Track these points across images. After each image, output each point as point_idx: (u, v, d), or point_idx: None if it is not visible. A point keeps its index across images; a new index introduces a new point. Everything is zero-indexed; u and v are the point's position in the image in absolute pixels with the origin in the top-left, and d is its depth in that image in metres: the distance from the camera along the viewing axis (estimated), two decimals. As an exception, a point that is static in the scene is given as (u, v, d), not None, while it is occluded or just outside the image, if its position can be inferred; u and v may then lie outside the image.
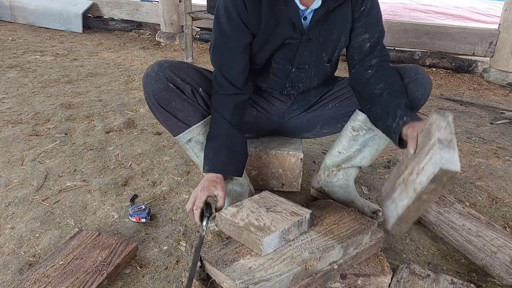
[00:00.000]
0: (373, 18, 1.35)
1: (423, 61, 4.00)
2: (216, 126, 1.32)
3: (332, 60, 1.44)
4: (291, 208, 1.20)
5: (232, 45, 1.31)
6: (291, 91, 1.49)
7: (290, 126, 1.61)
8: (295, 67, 1.40)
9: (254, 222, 1.13)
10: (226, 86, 1.32)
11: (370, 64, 1.36)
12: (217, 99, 1.33)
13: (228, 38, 1.30)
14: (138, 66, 3.79)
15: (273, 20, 1.29)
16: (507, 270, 1.21)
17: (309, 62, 1.40)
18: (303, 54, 1.37)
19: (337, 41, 1.37)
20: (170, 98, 1.32)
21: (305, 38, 1.32)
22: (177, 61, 1.38)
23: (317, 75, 1.46)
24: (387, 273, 1.13)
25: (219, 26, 1.31)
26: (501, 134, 2.48)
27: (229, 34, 1.30)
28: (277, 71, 1.43)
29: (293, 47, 1.35)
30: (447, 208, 1.53)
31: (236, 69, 1.32)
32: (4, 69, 3.46)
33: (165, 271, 1.22)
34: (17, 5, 5.75)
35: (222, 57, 1.33)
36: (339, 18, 1.32)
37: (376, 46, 1.36)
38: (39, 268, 1.14)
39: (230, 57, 1.32)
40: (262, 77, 1.47)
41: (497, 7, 5.23)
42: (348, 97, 1.50)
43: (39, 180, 1.71)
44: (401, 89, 1.28)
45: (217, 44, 1.33)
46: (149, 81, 1.31)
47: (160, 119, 1.39)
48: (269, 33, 1.31)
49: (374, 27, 1.35)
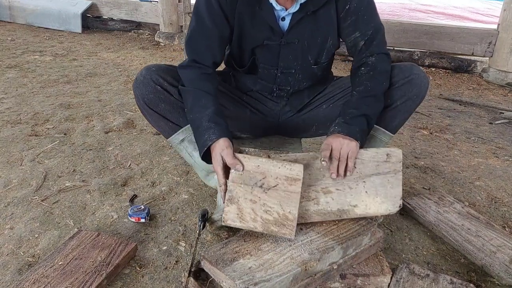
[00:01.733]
0: (362, 15, 1.31)
1: (422, 61, 4.00)
2: (199, 101, 1.27)
3: (320, 63, 1.43)
4: (282, 173, 1.11)
5: (209, 34, 1.31)
6: (281, 93, 1.50)
7: (286, 126, 1.61)
8: (280, 71, 1.41)
9: (268, 217, 1.10)
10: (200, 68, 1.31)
11: (365, 62, 1.34)
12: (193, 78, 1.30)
13: (206, 28, 1.30)
14: (138, 66, 3.79)
15: (246, 16, 1.29)
16: (506, 270, 1.21)
17: (295, 67, 1.40)
18: (287, 58, 1.37)
19: (323, 44, 1.36)
20: (158, 100, 1.34)
21: (284, 41, 1.32)
22: (165, 64, 1.40)
23: (305, 78, 1.46)
24: (387, 273, 1.13)
25: (198, 15, 1.31)
26: (500, 134, 2.48)
27: (208, 23, 1.30)
28: (263, 75, 1.44)
29: (274, 50, 1.35)
30: (446, 208, 1.53)
31: (209, 60, 1.32)
32: (3, 69, 3.45)
33: (165, 271, 1.22)
34: (16, 5, 5.75)
35: (197, 47, 1.32)
36: (322, 21, 1.31)
37: (371, 43, 1.33)
38: (38, 268, 1.14)
39: (205, 47, 1.32)
40: (251, 80, 1.48)
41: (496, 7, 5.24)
42: (342, 97, 1.49)
43: (38, 180, 1.71)
44: (372, 99, 1.26)
45: (193, 34, 1.33)
46: (138, 85, 1.34)
47: (152, 122, 1.41)
48: (243, 30, 1.31)
49: (365, 24, 1.32)
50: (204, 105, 1.24)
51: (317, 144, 2.19)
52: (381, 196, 1.19)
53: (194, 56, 1.32)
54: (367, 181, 1.19)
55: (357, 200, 1.19)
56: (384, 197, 1.19)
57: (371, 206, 1.19)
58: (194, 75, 1.30)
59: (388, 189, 1.20)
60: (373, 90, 1.27)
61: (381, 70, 1.31)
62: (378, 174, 1.19)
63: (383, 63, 1.33)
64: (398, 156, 1.20)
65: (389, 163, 1.20)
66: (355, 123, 1.21)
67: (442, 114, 2.80)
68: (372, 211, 1.19)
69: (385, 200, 1.19)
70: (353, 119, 1.22)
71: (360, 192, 1.18)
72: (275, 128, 1.63)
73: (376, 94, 1.27)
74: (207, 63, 1.32)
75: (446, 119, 2.70)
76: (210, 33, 1.31)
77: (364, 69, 1.32)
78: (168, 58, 4.25)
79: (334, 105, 1.51)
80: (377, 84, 1.29)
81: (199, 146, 1.22)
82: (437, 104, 3.03)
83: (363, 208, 1.19)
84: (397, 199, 1.20)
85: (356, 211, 1.19)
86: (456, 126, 2.59)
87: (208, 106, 1.24)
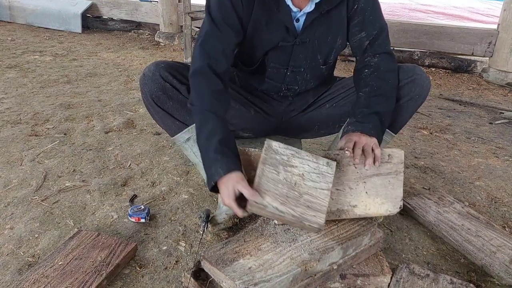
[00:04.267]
0: (368, 16, 1.32)
1: (422, 61, 4.00)
2: (207, 125, 1.18)
3: (328, 62, 1.43)
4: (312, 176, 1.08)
5: (225, 39, 1.25)
6: (287, 93, 1.49)
7: (288, 126, 1.61)
8: (290, 70, 1.40)
9: None
10: (212, 79, 1.22)
11: (368, 64, 1.34)
12: (203, 93, 1.21)
13: (222, 31, 1.25)
14: (138, 66, 3.79)
15: (263, 20, 1.27)
16: (506, 270, 1.21)
17: (304, 65, 1.39)
18: (298, 57, 1.36)
19: (333, 43, 1.36)
20: (167, 98, 1.32)
21: (298, 41, 1.32)
22: (173, 61, 1.38)
23: (313, 77, 1.45)
24: (387, 273, 1.13)
25: (212, 17, 1.25)
26: (500, 134, 2.48)
27: (223, 27, 1.24)
28: (272, 75, 1.42)
29: (287, 50, 1.34)
30: (446, 208, 1.53)
31: (224, 66, 1.25)
32: (3, 69, 3.45)
33: (165, 271, 1.22)
34: (16, 5, 5.74)
35: (212, 51, 1.24)
36: (334, 20, 1.31)
37: (375, 42, 1.33)
38: (38, 268, 1.14)
39: (221, 52, 1.25)
40: (257, 79, 1.47)
41: (496, 7, 5.24)
42: (344, 97, 1.50)
43: (38, 180, 1.71)
44: (381, 98, 1.25)
45: (208, 36, 1.25)
46: (146, 82, 1.32)
47: (158, 119, 1.39)
48: (259, 32, 1.29)
49: (371, 24, 1.33)
50: (212, 130, 1.15)
51: (317, 144, 2.19)
52: (382, 196, 1.19)
53: (208, 60, 1.23)
54: (368, 182, 1.18)
55: (357, 201, 1.18)
56: (385, 198, 1.19)
57: (371, 207, 1.19)
58: (205, 90, 1.21)
59: (389, 190, 1.19)
60: (380, 89, 1.26)
61: (385, 69, 1.31)
62: (379, 174, 1.19)
63: (387, 62, 1.32)
64: (400, 157, 1.20)
65: (391, 164, 1.19)
66: (367, 120, 1.20)
67: (442, 114, 2.80)
68: (372, 212, 1.19)
69: (386, 201, 1.19)
70: (365, 117, 1.21)
71: (360, 193, 1.18)
72: (277, 128, 1.63)
73: (384, 93, 1.26)
74: (220, 69, 1.23)
75: (446, 119, 2.70)
76: (226, 38, 1.25)
77: (367, 71, 1.32)
78: (168, 58, 4.25)
79: (337, 104, 1.52)
80: (384, 83, 1.28)
81: (207, 178, 1.15)
82: (437, 104, 3.03)
83: (363, 208, 1.18)
84: (398, 200, 1.20)
85: (356, 212, 1.18)
86: (456, 126, 2.59)
87: (215, 132, 1.14)
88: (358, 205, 1.18)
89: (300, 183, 1.08)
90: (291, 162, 1.10)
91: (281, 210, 1.06)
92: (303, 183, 1.08)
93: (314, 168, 1.10)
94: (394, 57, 1.36)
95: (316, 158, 1.11)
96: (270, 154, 1.10)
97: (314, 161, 1.11)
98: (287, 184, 1.08)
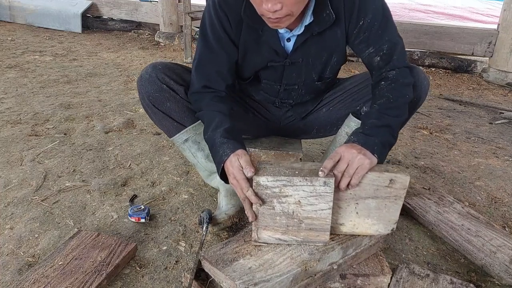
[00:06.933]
0: (376, 30, 1.23)
1: (422, 61, 4.00)
2: (214, 120, 1.21)
3: (324, 78, 1.40)
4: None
5: (218, 60, 1.27)
6: (284, 104, 1.50)
7: (287, 129, 1.63)
8: (283, 87, 1.40)
9: None
10: (213, 92, 1.27)
11: (385, 77, 1.24)
12: (207, 102, 1.26)
13: (215, 53, 1.26)
14: (138, 66, 3.79)
15: (252, 41, 1.26)
16: (506, 270, 1.21)
17: (299, 83, 1.38)
18: (291, 76, 1.35)
19: (328, 61, 1.33)
20: (164, 99, 1.32)
21: (288, 62, 1.30)
22: (171, 62, 1.38)
23: (308, 92, 1.45)
24: (387, 273, 1.13)
25: (205, 39, 1.26)
26: (500, 134, 2.48)
27: (216, 49, 1.26)
28: (266, 89, 1.43)
29: (278, 69, 1.33)
30: (446, 208, 1.53)
31: (222, 86, 1.28)
32: (3, 69, 3.45)
33: (165, 271, 1.22)
34: (16, 5, 5.75)
35: (207, 73, 1.28)
36: (328, 39, 1.26)
37: (390, 58, 1.24)
38: (38, 268, 1.14)
39: (216, 73, 1.27)
40: (253, 90, 1.48)
41: (496, 7, 5.24)
42: (341, 101, 1.49)
43: (38, 180, 1.71)
44: (395, 110, 1.17)
45: (202, 59, 1.28)
46: (143, 83, 1.33)
47: (156, 121, 1.40)
48: (249, 53, 1.28)
49: (379, 39, 1.24)
50: (218, 122, 1.18)
51: (317, 144, 2.19)
52: (374, 218, 1.12)
53: (205, 82, 1.27)
54: (360, 203, 1.10)
55: (345, 219, 1.12)
56: (377, 220, 1.12)
57: (359, 226, 1.13)
58: (207, 100, 1.25)
59: (383, 213, 1.11)
60: (395, 101, 1.18)
61: (403, 82, 1.22)
62: (375, 197, 1.09)
63: (405, 76, 1.24)
64: (403, 183, 1.07)
65: (391, 189, 1.08)
66: (375, 133, 1.11)
67: (442, 114, 2.80)
68: (359, 231, 1.14)
69: (377, 222, 1.12)
70: (373, 129, 1.12)
71: (350, 213, 1.12)
72: (276, 131, 1.65)
73: (399, 106, 1.18)
74: (219, 88, 1.28)
75: (446, 119, 2.70)
76: (220, 59, 1.27)
77: (384, 83, 1.23)
78: (168, 58, 4.25)
79: (335, 107, 1.51)
80: (400, 95, 1.20)
81: (216, 164, 1.15)
82: (437, 104, 3.03)
83: (350, 227, 1.13)
84: (391, 223, 1.12)
85: (342, 229, 1.13)
86: (456, 126, 2.59)
87: (221, 124, 1.18)
88: (346, 224, 1.13)
89: (298, 210, 1.05)
90: (284, 193, 1.04)
91: (284, 239, 1.09)
92: (301, 210, 1.05)
93: (310, 191, 1.03)
94: (412, 70, 1.28)
95: (311, 180, 1.02)
96: (261, 191, 1.04)
97: (309, 185, 1.02)
98: (285, 215, 1.06)
